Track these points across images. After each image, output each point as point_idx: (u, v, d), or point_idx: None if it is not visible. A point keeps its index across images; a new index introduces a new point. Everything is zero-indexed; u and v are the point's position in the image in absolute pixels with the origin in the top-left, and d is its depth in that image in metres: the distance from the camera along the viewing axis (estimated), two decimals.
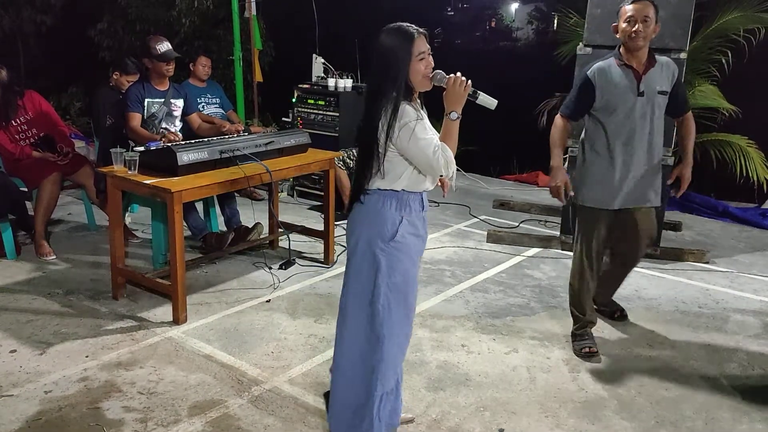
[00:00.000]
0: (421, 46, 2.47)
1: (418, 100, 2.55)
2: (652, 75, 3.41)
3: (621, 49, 3.44)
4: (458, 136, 2.54)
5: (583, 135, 3.63)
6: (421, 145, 2.43)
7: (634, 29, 3.30)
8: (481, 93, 2.51)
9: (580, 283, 3.66)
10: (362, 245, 2.56)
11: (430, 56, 2.50)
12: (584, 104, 3.49)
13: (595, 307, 3.86)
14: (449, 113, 2.48)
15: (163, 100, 4.69)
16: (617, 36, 3.44)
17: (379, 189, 2.52)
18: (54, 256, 4.73)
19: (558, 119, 3.58)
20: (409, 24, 2.48)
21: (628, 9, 3.35)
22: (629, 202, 3.51)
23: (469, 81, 2.46)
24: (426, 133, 2.46)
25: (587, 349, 3.57)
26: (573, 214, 3.66)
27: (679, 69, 4.76)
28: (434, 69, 2.49)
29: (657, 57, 3.47)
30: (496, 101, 2.49)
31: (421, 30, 2.48)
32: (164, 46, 4.55)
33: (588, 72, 3.45)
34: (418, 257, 2.64)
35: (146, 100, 4.62)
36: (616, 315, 4.03)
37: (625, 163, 3.44)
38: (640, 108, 3.40)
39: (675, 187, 3.67)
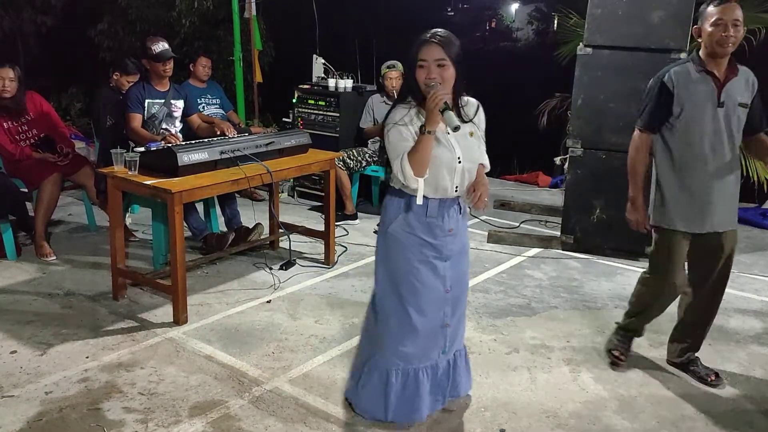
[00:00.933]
0: (425, 53, 2.50)
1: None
2: (734, 85, 3.07)
3: (701, 54, 3.10)
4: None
5: (655, 150, 3.23)
6: (389, 149, 2.58)
7: (724, 34, 2.96)
8: (448, 112, 2.45)
9: (659, 309, 3.39)
10: (379, 231, 2.81)
11: (438, 66, 2.50)
12: (663, 112, 3.11)
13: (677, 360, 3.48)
14: (423, 129, 2.49)
15: (163, 101, 4.69)
16: (698, 40, 3.10)
17: (391, 185, 2.73)
18: (54, 257, 4.73)
19: (637, 136, 3.19)
20: (435, 30, 2.52)
21: (716, 11, 3.01)
22: (716, 225, 3.14)
23: (445, 100, 2.45)
24: (399, 138, 2.55)
25: (617, 353, 3.46)
26: (651, 238, 3.31)
27: None
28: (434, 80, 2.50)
29: (739, 66, 3.13)
30: (458, 125, 2.46)
31: (434, 39, 2.50)
32: (160, 47, 4.53)
33: (664, 77, 3.11)
34: (426, 260, 2.69)
35: (146, 100, 4.62)
36: (711, 380, 3.35)
37: (705, 181, 3.10)
38: (720, 120, 3.06)
39: None
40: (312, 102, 6.35)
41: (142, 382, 3.16)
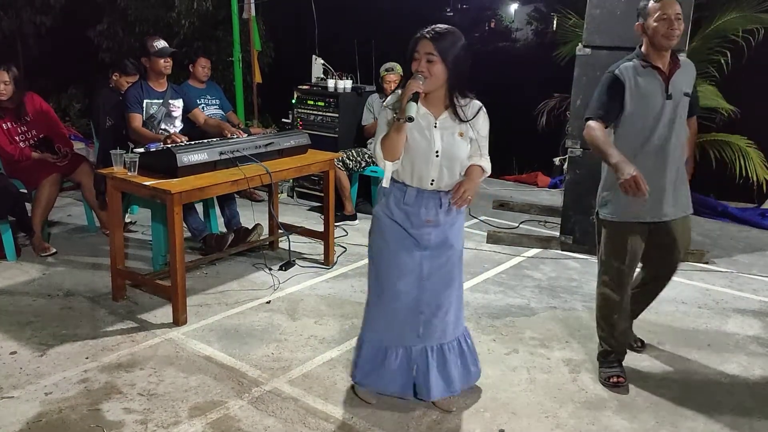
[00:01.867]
0: (419, 46, 2.64)
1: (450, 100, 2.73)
2: (679, 77, 3.17)
3: (645, 50, 3.18)
4: None
5: None
6: (377, 130, 2.79)
7: (670, 28, 3.05)
8: (411, 103, 2.56)
9: (610, 309, 3.29)
10: None
11: (427, 61, 2.62)
12: (617, 104, 3.14)
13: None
14: (398, 118, 2.62)
15: (161, 101, 4.70)
16: (641, 35, 3.18)
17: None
18: (54, 251, 4.74)
19: (594, 123, 3.12)
20: (435, 26, 2.66)
21: (658, 6, 3.09)
22: (671, 213, 3.20)
23: (416, 91, 2.57)
24: (383, 121, 2.73)
25: (615, 379, 3.28)
26: (598, 232, 3.35)
27: None
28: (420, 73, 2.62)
29: (679, 57, 3.24)
30: (413, 117, 2.56)
31: (427, 34, 2.63)
32: (161, 43, 4.63)
33: (615, 71, 3.15)
34: (403, 245, 2.83)
35: (145, 101, 4.63)
36: (636, 345, 3.65)
37: (659, 170, 3.14)
38: (669, 112, 3.13)
39: None
40: (311, 102, 6.35)
41: (142, 383, 3.16)
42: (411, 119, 2.55)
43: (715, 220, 6.39)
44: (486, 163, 2.86)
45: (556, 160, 7.17)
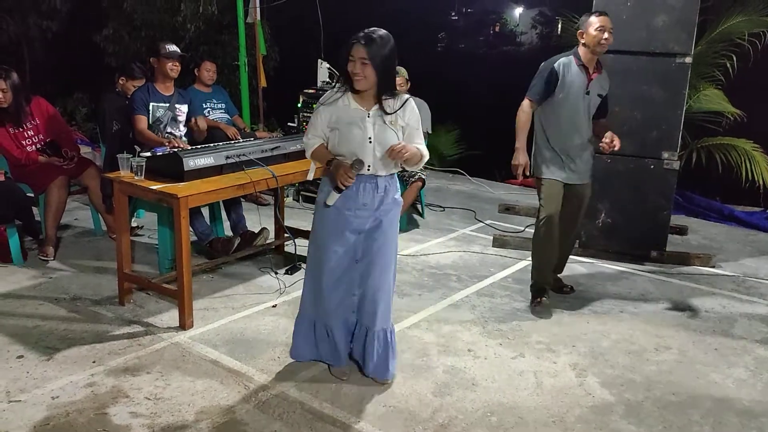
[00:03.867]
0: (353, 51, 2.90)
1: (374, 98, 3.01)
2: (598, 80, 4.07)
3: (581, 52, 4.02)
4: (459, 140, 2.80)
5: (538, 121, 4.15)
6: (309, 124, 3.15)
7: (605, 37, 3.92)
8: (335, 195, 3.03)
9: (548, 247, 4.20)
10: None
11: (362, 64, 2.89)
12: (548, 91, 4.01)
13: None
14: (328, 164, 3.05)
15: (167, 105, 4.72)
16: (582, 41, 3.99)
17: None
18: (52, 258, 4.74)
19: (526, 103, 4.06)
20: (368, 30, 2.93)
21: (598, 20, 3.94)
22: (579, 179, 4.14)
23: (345, 185, 2.96)
24: (315, 122, 3.09)
25: (539, 299, 4.17)
26: (538, 189, 4.25)
27: (683, 73, 4.86)
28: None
29: (602, 65, 4.11)
30: (328, 205, 3.06)
31: (360, 40, 2.89)
32: (172, 47, 4.72)
33: (555, 64, 4.00)
34: (339, 229, 3.08)
35: (151, 103, 4.65)
36: (565, 289, 4.50)
37: (572, 147, 4.07)
38: (584, 104, 4.03)
39: (611, 145, 3.99)
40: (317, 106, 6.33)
41: (149, 387, 3.16)
42: (327, 206, 3.05)
43: (721, 224, 6.38)
44: (423, 149, 3.12)
45: None
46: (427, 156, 3.14)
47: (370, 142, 3.00)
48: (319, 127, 3.08)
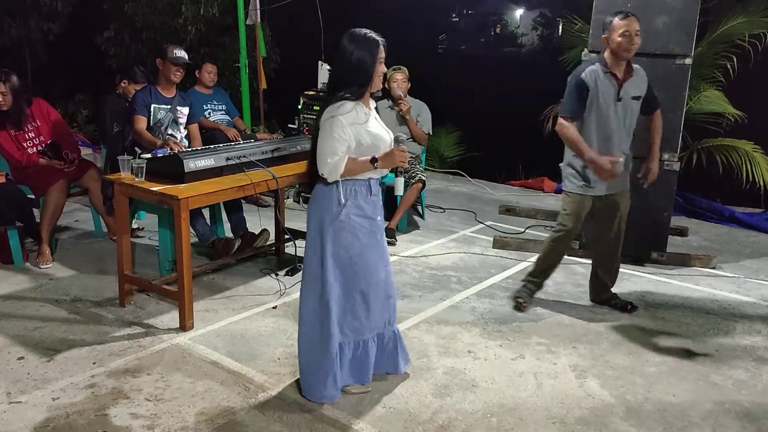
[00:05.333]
0: (381, 54, 2.88)
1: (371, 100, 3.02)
2: (630, 83, 3.85)
3: (607, 58, 3.83)
4: (459, 141, 2.77)
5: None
6: (327, 140, 2.80)
7: (631, 44, 3.73)
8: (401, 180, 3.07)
9: (555, 259, 4.21)
10: (314, 224, 2.97)
11: (382, 64, 2.91)
12: (583, 104, 3.82)
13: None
14: (375, 162, 2.87)
15: (169, 107, 4.73)
16: (607, 46, 3.80)
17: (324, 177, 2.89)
18: (50, 265, 4.73)
19: (565, 122, 3.86)
20: (365, 31, 2.89)
21: (623, 23, 3.73)
22: (614, 188, 3.97)
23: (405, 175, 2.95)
24: (341, 136, 2.79)
25: (521, 300, 4.20)
26: (564, 199, 4.12)
27: (683, 74, 4.84)
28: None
29: (633, 66, 3.88)
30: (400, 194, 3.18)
31: (380, 40, 2.89)
32: (180, 52, 4.74)
33: (582, 75, 3.81)
34: (372, 235, 2.98)
35: (152, 105, 4.66)
36: (629, 308, 4.23)
37: (609, 156, 3.81)
38: (618, 111, 3.84)
39: (643, 179, 4.07)
40: (317, 108, 6.26)
41: (149, 388, 3.17)
42: (397, 196, 3.02)
43: (722, 225, 6.37)
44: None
45: (563, 166, 7.16)
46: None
47: (390, 138, 2.99)
48: (345, 143, 2.83)
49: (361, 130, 2.85)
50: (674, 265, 5.08)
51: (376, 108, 3.08)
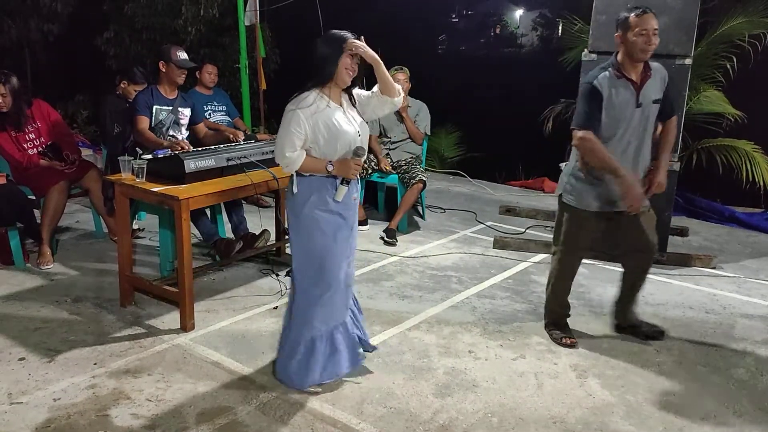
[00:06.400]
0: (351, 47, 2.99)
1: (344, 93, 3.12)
2: (649, 86, 3.44)
3: (620, 60, 3.41)
4: (460, 141, 2.77)
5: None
6: (285, 132, 3.00)
7: (648, 43, 3.30)
8: (343, 188, 3.04)
9: (570, 278, 3.84)
10: (289, 218, 3.13)
11: (354, 57, 3.03)
12: (599, 114, 3.38)
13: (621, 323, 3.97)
14: (328, 166, 3.00)
15: (170, 108, 4.73)
16: (621, 46, 3.40)
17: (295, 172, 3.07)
18: (50, 266, 4.73)
19: (583, 134, 3.37)
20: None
21: (638, 21, 3.30)
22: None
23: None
24: (297, 130, 2.96)
25: (568, 340, 3.75)
26: (560, 215, 3.72)
27: (683, 74, 4.82)
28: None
29: (651, 64, 3.46)
30: (338, 201, 3.06)
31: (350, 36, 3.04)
32: (184, 55, 4.72)
33: (594, 81, 3.39)
34: (341, 232, 3.08)
35: (154, 106, 4.66)
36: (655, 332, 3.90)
37: (627, 168, 3.41)
38: (638, 119, 3.43)
39: (647, 192, 3.56)
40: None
41: (150, 389, 3.17)
42: (336, 202, 3.03)
43: (722, 225, 6.38)
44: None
45: (563, 166, 7.17)
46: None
47: (359, 135, 3.07)
48: (303, 137, 2.98)
49: (318, 121, 2.96)
50: (674, 265, 5.08)
51: (353, 102, 3.16)
